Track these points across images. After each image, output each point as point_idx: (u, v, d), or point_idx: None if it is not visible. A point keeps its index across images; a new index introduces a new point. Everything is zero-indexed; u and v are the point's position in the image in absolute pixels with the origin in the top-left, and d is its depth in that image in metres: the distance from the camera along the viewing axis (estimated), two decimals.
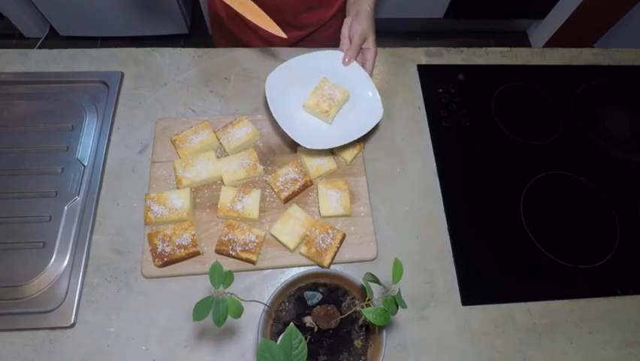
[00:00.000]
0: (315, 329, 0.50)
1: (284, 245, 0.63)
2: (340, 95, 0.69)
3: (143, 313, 0.60)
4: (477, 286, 0.65)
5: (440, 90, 0.83)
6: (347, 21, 0.72)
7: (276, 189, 0.67)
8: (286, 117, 0.66)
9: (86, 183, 0.67)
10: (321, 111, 0.68)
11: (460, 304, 0.64)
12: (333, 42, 0.77)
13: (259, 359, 0.37)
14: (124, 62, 0.79)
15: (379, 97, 0.69)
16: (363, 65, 0.72)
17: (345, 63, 0.71)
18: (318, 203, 0.67)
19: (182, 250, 0.60)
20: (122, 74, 0.78)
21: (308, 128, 0.69)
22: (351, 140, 0.64)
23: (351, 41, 0.70)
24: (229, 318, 0.43)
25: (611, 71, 0.89)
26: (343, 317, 0.50)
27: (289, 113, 0.69)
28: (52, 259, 0.62)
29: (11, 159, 0.69)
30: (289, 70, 0.70)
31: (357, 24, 0.69)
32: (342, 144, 0.64)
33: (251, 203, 0.64)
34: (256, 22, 0.65)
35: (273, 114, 0.65)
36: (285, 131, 0.64)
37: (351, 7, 0.74)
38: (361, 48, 0.72)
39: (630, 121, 0.85)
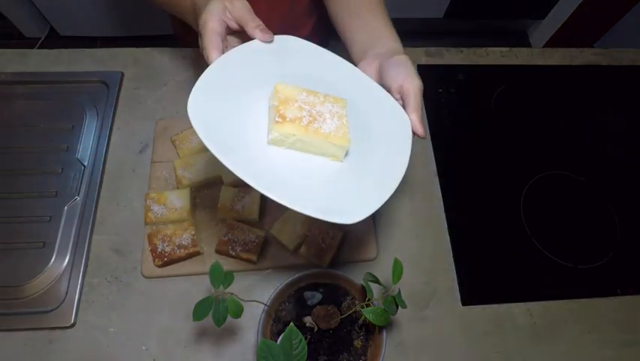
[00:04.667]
0: (315, 329, 0.50)
1: (284, 245, 0.63)
2: (335, 104, 0.43)
3: (143, 313, 0.60)
4: (477, 286, 0.65)
5: (440, 90, 0.83)
6: (374, 65, 0.49)
7: None
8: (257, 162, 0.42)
9: (86, 183, 0.67)
10: (326, 137, 0.40)
11: (460, 304, 0.64)
12: None
13: (259, 359, 0.37)
14: (124, 62, 0.79)
15: (395, 101, 0.48)
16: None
17: (422, 134, 0.47)
18: None
19: (182, 250, 0.60)
20: (122, 74, 0.77)
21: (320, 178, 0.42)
22: (394, 186, 0.42)
23: (405, 98, 0.47)
24: (229, 318, 0.43)
25: (611, 71, 0.89)
26: (343, 316, 0.50)
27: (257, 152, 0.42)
28: (52, 259, 0.62)
29: (11, 159, 0.69)
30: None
31: (407, 77, 0.47)
32: (384, 199, 0.41)
33: (251, 203, 0.64)
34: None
35: (231, 168, 0.39)
36: (273, 197, 0.38)
37: (370, 47, 0.51)
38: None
39: (630, 121, 0.85)
